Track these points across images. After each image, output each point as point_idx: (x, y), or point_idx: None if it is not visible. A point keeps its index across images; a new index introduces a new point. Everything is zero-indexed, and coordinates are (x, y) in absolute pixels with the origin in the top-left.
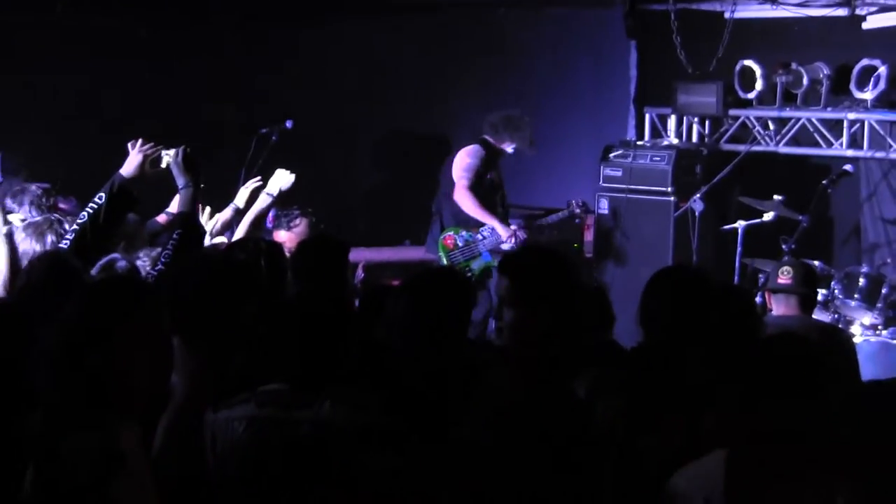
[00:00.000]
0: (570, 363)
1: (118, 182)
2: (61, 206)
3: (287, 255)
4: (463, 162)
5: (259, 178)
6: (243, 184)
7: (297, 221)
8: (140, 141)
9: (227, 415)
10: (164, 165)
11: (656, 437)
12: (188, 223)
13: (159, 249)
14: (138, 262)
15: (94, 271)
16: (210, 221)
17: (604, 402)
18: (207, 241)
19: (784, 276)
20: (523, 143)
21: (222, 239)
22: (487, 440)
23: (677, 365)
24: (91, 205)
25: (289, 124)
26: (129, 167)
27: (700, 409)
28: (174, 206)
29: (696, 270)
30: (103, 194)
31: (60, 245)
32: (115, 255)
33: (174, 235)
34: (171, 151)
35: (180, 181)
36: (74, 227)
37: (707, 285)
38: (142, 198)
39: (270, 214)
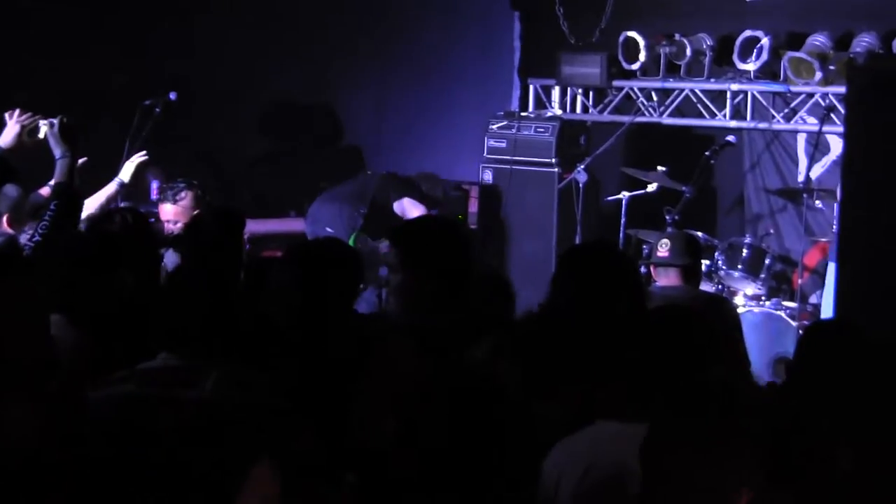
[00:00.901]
0: (466, 331)
1: None
2: None
3: (169, 227)
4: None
5: (144, 152)
6: (127, 157)
7: (183, 195)
8: (17, 111)
9: (106, 393)
10: (41, 136)
11: (551, 405)
12: (65, 194)
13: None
14: (21, 237)
15: None
16: (94, 196)
17: (502, 367)
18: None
19: (662, 249)
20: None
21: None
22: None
23: (577, 334)
24: None
25: (172, 96)
26: (6, 138)
27: (597, 380)
28: (56, 178)
29: (612, 246)
30: None
31: None
32: None
33: (51, 206)
34: (49, 121)
35: (57, 151)
36: None
37: (621, 261)
38: (22, 169)
39: (155, 186)
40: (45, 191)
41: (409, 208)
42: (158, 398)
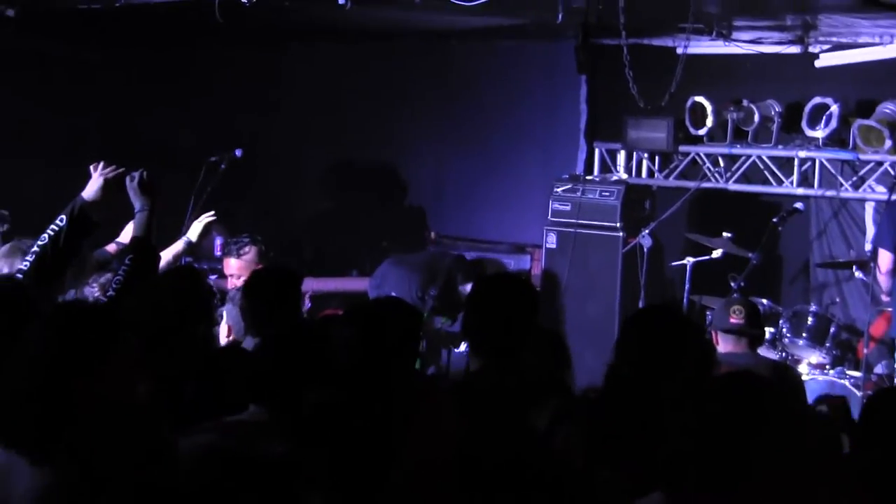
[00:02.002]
0: (526, 394)
1: (79, 204)
2: None
3: (233, 282)
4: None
5: (213, 212)
6: (192, 212)
7: (247, 249)
8: (102, 164)
9: (188, 443)
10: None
11: (614, 472)
12: (142, 248)
13: (109, 275)
14: (86, 290)
15: None
16: (162, 253)
17: (564, 430)
18: None
19: (736, 316)
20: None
21: None
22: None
23: (641, 400)
24: (51, 227)
25: (238, 153)
26: (90, 190)
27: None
28: (124, 236)
29: (679, 311)
30: (64, 217)
31: (20, 268)
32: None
33: (127, 260)
34: (130, 175)
35: (137, 204)
36: (34, 249)
37: (687, 328)
38: (103, 223)
39: (219, 242)
40: (111, 247)
41: None
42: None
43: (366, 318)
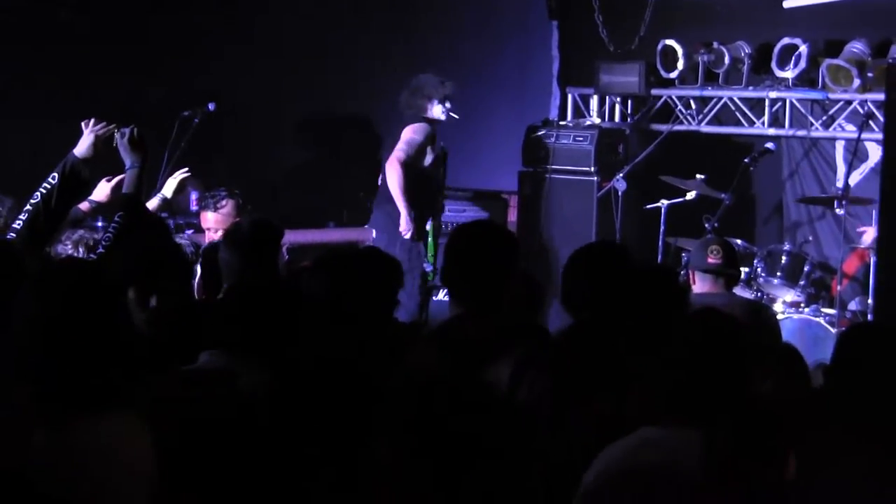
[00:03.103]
0: (493, 345)
1: (71, 162)
2: None
3: (210, 236)
4: (406, 135)
5: (186, 168)
6: (166, 168)
7: (224, 202)
8: (93, 120)
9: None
10: (115, 145)
11: (586, 410)
12: (133, 205)
13: (81, 232)
14: (58, 247)
15: None
16: None
17: (529, 376)
18: None
19: (713, 256)
20: (437, 90)
21: None
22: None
23: (605, 342)
24: (43, 186)
25: (211, 107)
26: (81, 147)
27: (629, 386)
28: (97, 194)
29: (614, 246)
30: (56, 175)
31: (14, 227)
32: None
33: (116, 218)
34: (121, 131)
35: (127, 161)
36: (27, 208)
37: (625, 259)
38: (93, 179)
39: (194, 195)
40: (84, 205)
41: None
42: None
43: (335, 268)
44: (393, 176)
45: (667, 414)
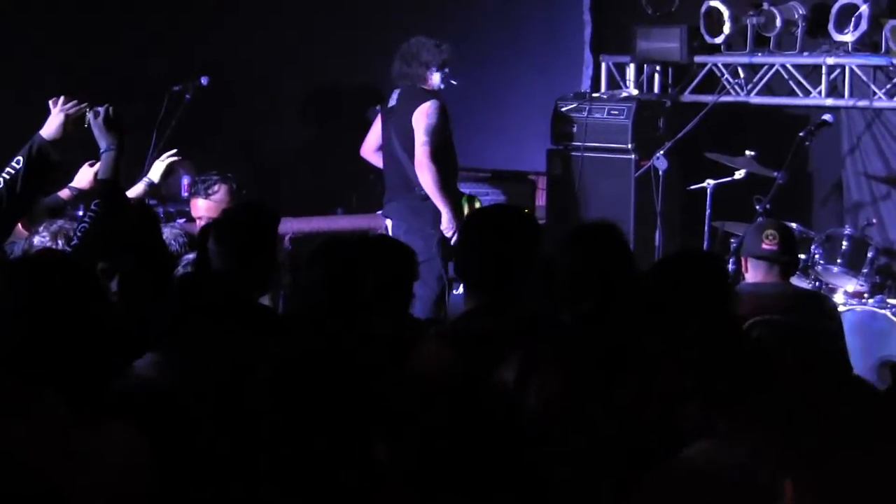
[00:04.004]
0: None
1: (38, 144)
2: None
3: (201, 225)
4: (421, 122)
5: (175, 150)
6: (154, 149)
7: (216, 188)
8: (62, 99)
9: None
10: (87, 125)
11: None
12: (110, 191)
13: (60, 222)
14: (36, 239)
15: None
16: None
17: (535, 384)
18: None
19: (769, 241)
20: (435, 56)
21: None
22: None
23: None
24: (7, 170)
25: (204, 81)
26: (49, 128)
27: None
28: (79, 181)
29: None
30: (21, 158)
31: None
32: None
33: (93, 205)
34: (94, 110)
35: (102, 143)
36: None
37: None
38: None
39: (186, 180)
40: (64, 193)
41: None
42: None
43: (334, 260)
44: (428, 177)
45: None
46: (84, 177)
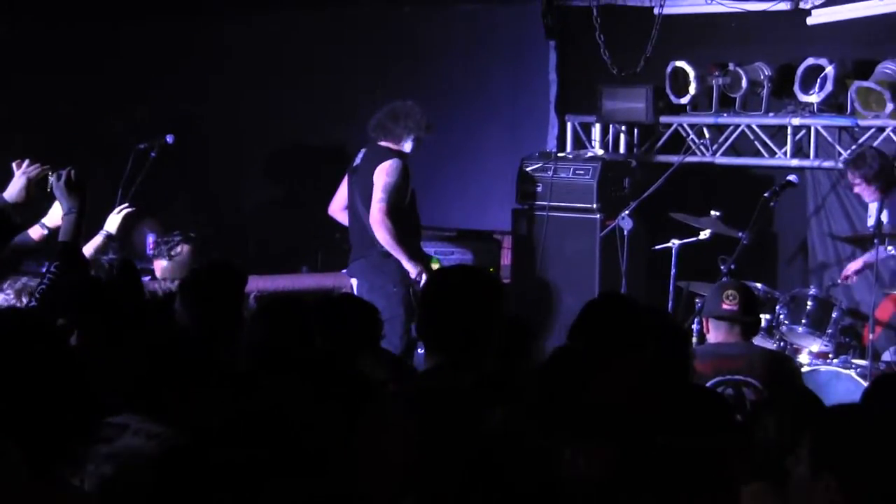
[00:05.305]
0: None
1: None
2: None
3: (167, 286)
4: (381, 181)
5: (127, 203)
6: (118, 205)
7: (179, 248)
8: (26, 162)
9: None
10: (49, 189)
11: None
12: (69, 255)
13: (24, 279)
14: (0, 297)
15: None
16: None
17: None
18: None
19: (729, 302)
20: (420, 129)
21: None
22: None
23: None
24: None
25: (169, 139)
26: (12, 190)
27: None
28: (49, 219)
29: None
30: None
31: None
32: None
33: (52, 268)
34: (57, 174)
35: (64, 206)
36: None
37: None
38: (27, 221)
39: (151, 238)
40: (35, 232)
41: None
42: None
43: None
44: (383, 233)
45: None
46: (57, 215)
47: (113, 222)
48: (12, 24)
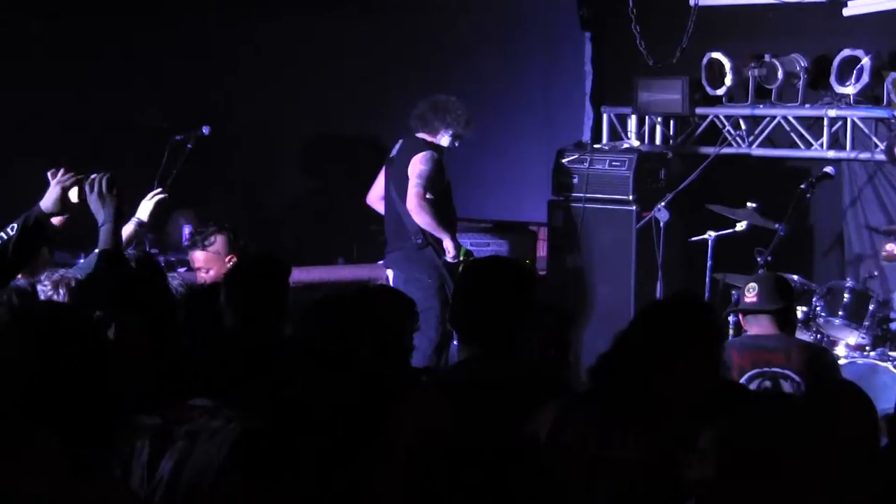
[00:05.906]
0: (520, 389)
1: (35, 216)
2: None
3: (202, 276)
4: (416, 169)
5: (160, 189)
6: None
7: (213, 238)
8: (62, 170)
9: None
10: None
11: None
12: (111, 261)
13: (62, 272)
14: (38, 288)
15: None
16: None
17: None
18: None
19: (749, 294)
20: (458, 125)
21: None
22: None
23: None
24: (0, 234)
25: (205, 130)
26: (48, 200)
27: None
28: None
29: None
30: (16, 226)
31: None
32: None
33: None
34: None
35: (99, 217)
36: None
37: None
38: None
39: (187, 230)
40: (56, 220)
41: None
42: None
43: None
44: (422, 215)
45: None
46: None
47: (145, 209)
48: (53, 19)
